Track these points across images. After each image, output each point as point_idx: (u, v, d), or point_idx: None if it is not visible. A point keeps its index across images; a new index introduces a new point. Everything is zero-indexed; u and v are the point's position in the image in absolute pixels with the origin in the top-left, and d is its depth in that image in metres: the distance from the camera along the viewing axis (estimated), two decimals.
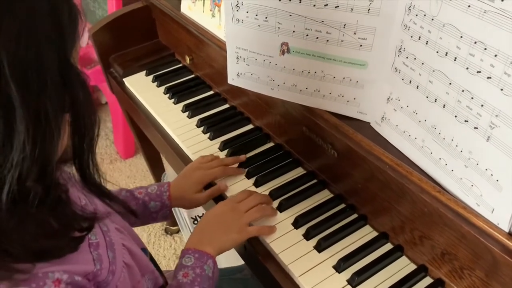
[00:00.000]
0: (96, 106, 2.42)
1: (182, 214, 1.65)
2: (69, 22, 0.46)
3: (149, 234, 1.78)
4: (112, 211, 0.73)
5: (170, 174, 1.63)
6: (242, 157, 0.94)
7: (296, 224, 0.81)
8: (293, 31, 0.76)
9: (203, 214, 1.64)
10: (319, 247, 0.77)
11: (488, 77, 0.54)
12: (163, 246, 1.74)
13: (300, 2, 0.72)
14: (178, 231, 1.78)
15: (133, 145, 2.13)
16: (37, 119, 0.42)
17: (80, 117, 0.47)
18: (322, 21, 0.72)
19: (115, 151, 2.19)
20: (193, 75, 1.24)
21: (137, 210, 0.85)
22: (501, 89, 0.53)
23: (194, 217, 1.64)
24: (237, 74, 0.87)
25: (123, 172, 2.07)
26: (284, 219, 0.83)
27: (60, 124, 0.45)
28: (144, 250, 0.75)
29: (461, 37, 0.56)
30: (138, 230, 1.78)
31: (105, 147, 2.21)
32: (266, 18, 0.77)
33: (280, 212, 0.84)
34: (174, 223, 1.75)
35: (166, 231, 1.78)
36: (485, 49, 0.54)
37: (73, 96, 0.45)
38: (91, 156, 0.51)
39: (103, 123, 2.36)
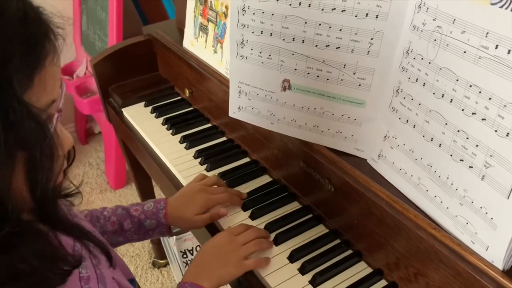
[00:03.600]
0: (89, 136, 2.44)
1: (171, 248, 1.63)
2: (25, 54, 0.42)
3: (136, 266, 1.75)
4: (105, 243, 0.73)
5: None
6: (244, 194, 0.95)
7: (292, 258, 0.81)
8: (295, 69, 0.79)
9: (192, 248, 1.62)
10: (314, 282, 0.77)
11: (483, 119, 0.57)
12: (150, 279, 1.71)
13: (303, 42, 0.75)
14: (165, 265, 1.75)
15: (124, 176, 2.12)
16: None
17: (34, 156, 0.44)
18: (323, 61, 0.76)
19: (105, 181, 2.17)
20: (191, 108, 1.26)
21: (132, 227, 0.86)
22: (495, 131, 0.55)
23: (183, 251, 1.62)
24: (238, 108, 0.89)
25: (112, 202, 2.05)
26: (280, 253, 0.83)
27: (5, 161, 0.42)
28: (132, 280, 0.75)
29: (457, 80, 0.60)
30: (125, 262, 1.75)
31: (95, 177, 2.20)
32: (269, 55, 0.80)
33: (276, 245, 0.84)
34: (162, 256, 1.72)
35: (154, 264, 1.75)
36: (480, 92, 0.57)
37: (22, 135, 0.42)
38: (50, 194, 0.48)
39: (95, 152, 2.36)
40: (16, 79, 0.41)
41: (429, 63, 0.64)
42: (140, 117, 1.25)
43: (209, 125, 1.20)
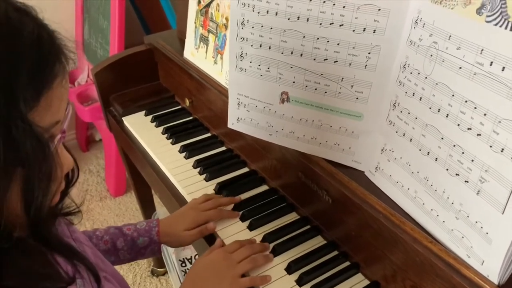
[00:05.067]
0: (90, 143, 2.44)
1: (170, 256, 1.63)
2: (34, 75, 0.43)
3: (135, 275, 1.75)
4: (103, 258, 0.74)
5: (161, 213, 1.62)
6: (237, 198, 0.96)
7: (289, 269, 0.82)
8: (294, 82, 0.80)
9: (191, 257, 1.62)
10: None
11: (478, 134, 0.58)
12: None
13: (301, 56, 0.76)
14: (164, 273, 1.75)
15: (124, 184, 2.13)
16: None
17: (32, 175, 0.44)
18: (321, 74, 0.76)
19: (105, 188, 2.18)
20: (191, 117, 1.27)
21: (125, 246, 0.86)
22: (490, 146, 0.56)
23: (182, 260, 1.62)
24: (237, 119, 0.90)
25: (112, 210, 2.05)
26: (277, 264, 0.83)
27: (2, 177, 0.43)
28: None
29: (453, 95, 0.60)
30: (124, 270, 1.75)
31: (95, 184, 2.20)
32: (268, 68, 0.81)
33: (274, 256, 0.85)
34: (161, 265, 1.72)
35: (153, 272, 1.75)
36: (475, 108, 0.57)
37: (22, 153, 0.43)
38: (44, 213, 0.47)
39: (96, 160, 2.36)
40: (22, 97, 0.42)
41: (426, 78, 0.64)
42: (140, 126, 1.25)
43: (208, 134, 1.20)
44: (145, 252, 0.87)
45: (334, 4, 0.70)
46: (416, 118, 0.68)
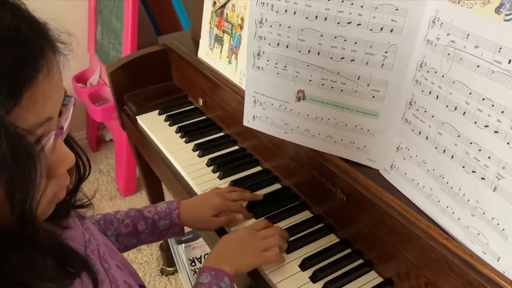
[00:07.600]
0: (100, 143, 2.46)
1: (180, 255, 1.64)
2: (9, 73, 0.39)
3: (144, 274, 1.76)
4: (114, 249, 0.75)
5: None
6: (260, 196, 0.98)
7: (303, 266, 0.83)
8: (310, 80, 0.81)
9: (201, 256, 1.63)
10: None
11: (495, 131, 0.58)
12: (158, 287, 1.71)
13: (318, 54, 0.78)
14: (174, 272, 1.76)
15: (134, 183, 2.14)
16: None
17: (12, 177, 0.41)
18: (338, 73, 0.78)
19: (115, 188, 2.19)
20: (204, 117, 1.29)
21: (146, 229, 0.87)
22: (508, 143, 0.57)
23: (192, 259, 1.63)
24: (253, 117, 0.91)
25: (122, 209, 2.06)
26: (291, 261, 0.84)
27: None
28: (142, 287, 0.76)
29: (470, 93, 0.61)
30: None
31: (105, 184, 2.22)
32: (285, 66, 0.82)
33: (287, 253, 0.86)
34: (171, 264, 1.73)
35: (162, 271, 1.76)
36: (493, 105, 0.58)
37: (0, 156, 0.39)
38: (29, 214, 0.44)
39: (106, 159, 2.38)
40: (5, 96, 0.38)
41: (443, 76, 0.65)
42: (154, 125, 1.27)
43: (221, 134, 1.22)
44: (167, 234, 0.89)
45: (352, 4, 0.71)
46: (432, 116, 0.68)
